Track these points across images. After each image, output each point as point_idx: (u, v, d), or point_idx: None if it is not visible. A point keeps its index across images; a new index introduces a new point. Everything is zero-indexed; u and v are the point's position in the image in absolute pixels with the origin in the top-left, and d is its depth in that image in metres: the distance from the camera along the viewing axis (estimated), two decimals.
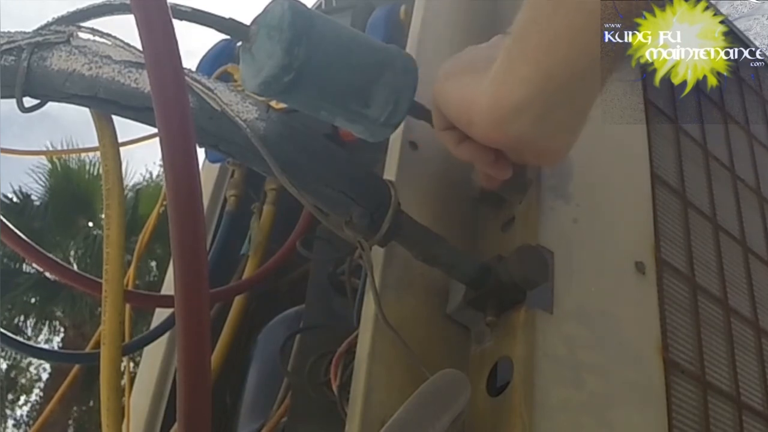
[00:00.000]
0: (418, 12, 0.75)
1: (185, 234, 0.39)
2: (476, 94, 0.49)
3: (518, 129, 0.48)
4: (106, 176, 0.59)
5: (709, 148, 0.82)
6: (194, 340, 0.38)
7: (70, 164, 7.16)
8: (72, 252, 7.15)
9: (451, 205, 0.64)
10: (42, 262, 0.71)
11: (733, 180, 0.83)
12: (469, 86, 0.50)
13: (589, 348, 0.54)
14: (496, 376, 0.53)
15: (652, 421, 0.55)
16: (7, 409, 8.71)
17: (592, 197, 0.62)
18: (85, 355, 0.91)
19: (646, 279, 0.62)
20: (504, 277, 0.53)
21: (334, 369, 0.60)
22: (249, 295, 0.96)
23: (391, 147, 0.65)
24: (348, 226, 0.52)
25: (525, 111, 0.46)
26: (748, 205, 0.83)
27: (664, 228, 0.68)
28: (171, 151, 0.40)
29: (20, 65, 0.54)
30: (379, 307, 0.52)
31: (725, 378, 0.65)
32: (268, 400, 0.82)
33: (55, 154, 7.21)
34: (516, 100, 0.46)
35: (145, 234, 1.25)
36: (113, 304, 0.60)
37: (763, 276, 0.78)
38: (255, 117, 0.52)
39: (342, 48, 0.51)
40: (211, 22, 0.53)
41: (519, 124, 0.47)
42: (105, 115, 0.58)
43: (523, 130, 0.48)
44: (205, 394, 0.38)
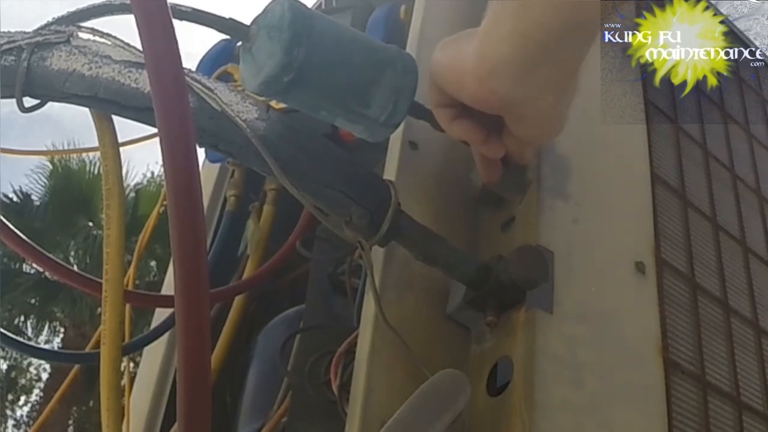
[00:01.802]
0: (418, 12, 0.75)
1: (185, 234, 0.39)
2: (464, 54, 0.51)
3: (502, 85, 0.49)
4: (106, 176, 0.59)
5: (709, 148, 0.82)
6: (194, 340, 0.38)
7: (71, 164, 7.16)
8: (72, 252, 7.15)
9: (451, 205, 0.64)
10: (42, 262, 0.71)
11: (733, 180, 0.83)
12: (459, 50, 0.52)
13: (589, 348, 0.54)
14: (496, 376, 0.53)
15: (652, 421, 0.55)
16: (7, 410, 8.71)
17: (592, 197, 0.62)
18: (85, 355, 0.91)
19: (646, 279, 0.62)
20: (504, 277, 0.53)
21: (334, 369, 0.60)
22: (249, 295, 0.96)
23: (391, 147, 0.65)
24: (348, 226, 0.52)
25: (507, 67, 0.48)
26: (748, 205, 0.83)
27: (664, 228, 0.67)
28: (171, 151, 0.40)
29: (20, 65, 0.54)
30: (379, 307, 0.52)
31: (725, 378, 0.65)
32: (268, 400, 0.82)
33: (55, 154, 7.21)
34: (498, 57, 0.47)
35: (145, 234, 1.25)
36: (113, 304, 0.60)
37: (763, 276, 0.78)
38: (255, 117, 0.52)
39: (342, 48, 0.51)
40: (211, 22, 0.53)
41: (502, 80, 0.48)
42: (105, 116, 0.58)
43: (506, 87, 0.49)
44: (205, 394, 0.38)
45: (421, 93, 0.55)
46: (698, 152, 0.80)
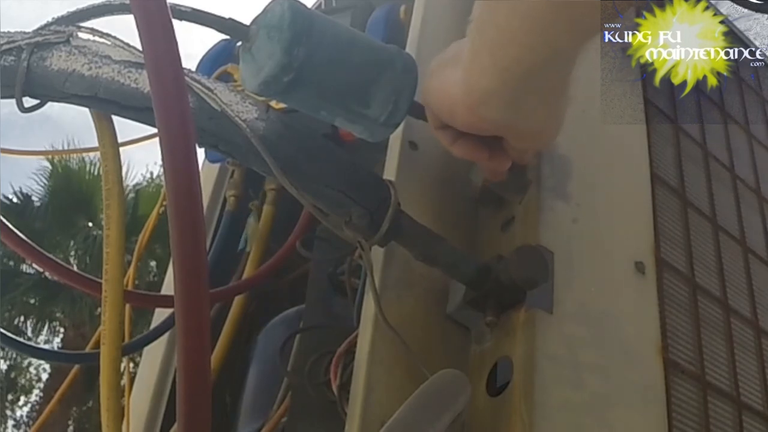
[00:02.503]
0: (418, 11, 0.75)
1: (185, 234, 0.39)
2: (452, 85, 0.50)
3: (491, 114, 0.48)
4: (106, 176, 0.59)
5: (709, 148, 0.82)
6: (194, 340, 0.38)
7: (71, 165, 7.16)
8: (72, 252, 7.15)
9: (450, 205, 0.64)
10: (42, 263, 0.71)
11: (733, 180, 0.83)
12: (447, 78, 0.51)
13: (589, 348, 0.54)
14: (496, 376, 0.53)
15: (652, 421, 0.55)
16: (7, 410, 8.70)
17: (592, 197, 0.62)
18: (85, 356, 0.91)
19: (646, 279, 0.62)
20: (504, 277, 0.53)
21: (333, 369, 0.60)
22: (249, 295, 0.96)
23: (391, 147, 0.65)
24: (348, 226, 0.52)
25: (493, 97, 0.47)
26: (748, 205, 0.83)
27: (664, 228, 0.67)
28: (171, 151, 0.40)
29: (20, 65, 0.54)
30: (379, 307, 0.52)
31: (725, 378, 0.65)
32: (268, 400, 0.82)
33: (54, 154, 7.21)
34: (483, 88, 0.47)
35: (145, 234, 1.25)
36: (113, 304, 0.60)
37: (762, 276, 0.78)
38: (255, 117, 0.52)
39: (342, 48, 0.51)
40: (210, 22, 0.53)
41: (490, 109, 0.48)
42: (105, 116, 0.58)
43: (496, 115, 0.48)
44: (205, 394, 0.38)
45: (420, 93, 0.55)
46: (698, 152, 0.80)
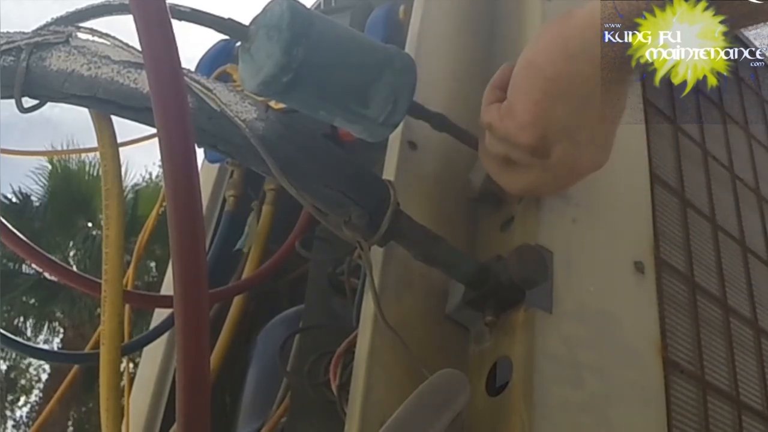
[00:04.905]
0: (417, 11, 0.75)
1: (184, 234, 0.39)
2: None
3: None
4: (105, 176, 0.59)
5: (709, 148, 0.82)
6: (194, 340, 0.38)
7: (70, 165, 7.16)
8: (71, 252, 7.15)
9: (450, 205, 0.64)
10: (41, 263, 0.72)
11: (732, 180, 0.83)
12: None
13: (588, 348, 0.54)
14: (496, 376, 0.53)
15: (651, 421, 0.55)
16: (6, 410, 8.70)
17: (592, 197, 0.62)
18: (84, 356, 0.91)
19: (646, 279, 0.62)
20: (503, 277, 0.53)
21: (333, 369, 0.60)
22: (249, 295, 0.96)
23: (391, 147, 0.65)
24: (347, 226, 0.52)
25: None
26: (748, 204, 0.83)
27: (664, 228, 0.67)
28: (170, 151, 0.40)
29: (19, 65, 0.54)
30: (379, 307, 0.52)
31: (725, 378, 0.65)
32: (267, 400, 0.82)
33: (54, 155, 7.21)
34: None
35: (145, 234, 1.25)
36: (112, 304, 0.60)
37: (762, 276, 0.78)
38: (254, 117, 0.52)
39: (341, 48, 0.51)
40: (210, 22, 0.53)
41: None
42: (104, 116, 0.58)
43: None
44: (205, 394, 0.37)
45: (420, 93, 0.55)
46: (697, 152, 0.80)
